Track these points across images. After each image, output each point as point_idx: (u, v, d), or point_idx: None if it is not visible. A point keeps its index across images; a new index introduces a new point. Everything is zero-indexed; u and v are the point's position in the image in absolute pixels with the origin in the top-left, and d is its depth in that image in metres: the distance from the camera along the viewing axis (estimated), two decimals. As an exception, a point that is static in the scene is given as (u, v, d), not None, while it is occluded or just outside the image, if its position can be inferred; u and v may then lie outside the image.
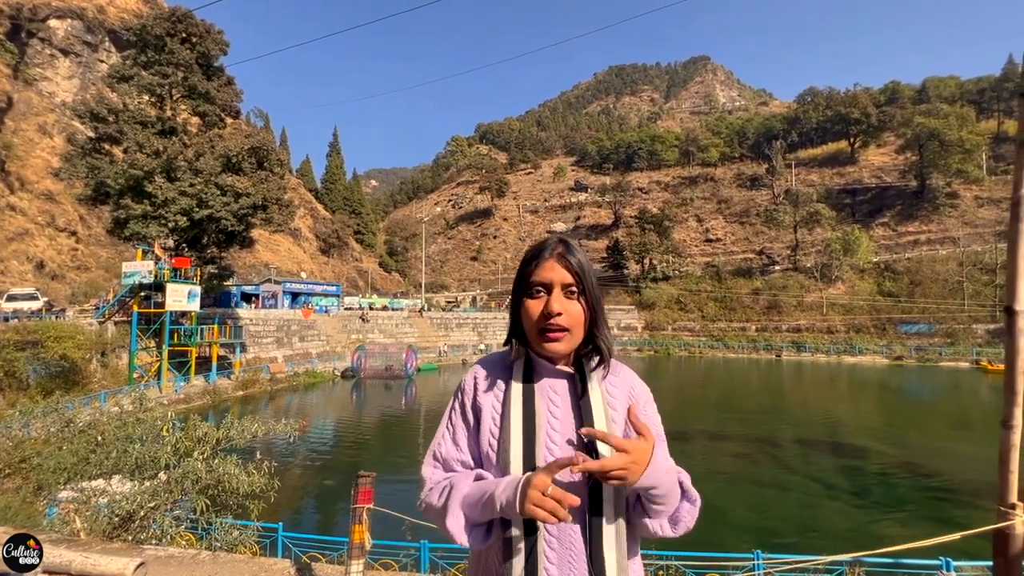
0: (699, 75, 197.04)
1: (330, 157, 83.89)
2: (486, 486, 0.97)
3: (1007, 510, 2.00)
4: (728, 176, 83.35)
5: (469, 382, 1.12)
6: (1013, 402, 2.02)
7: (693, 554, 5.45)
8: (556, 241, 1.09)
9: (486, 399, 1.08)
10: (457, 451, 1.08)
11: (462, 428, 1.10)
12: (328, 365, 30.07)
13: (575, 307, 1.05)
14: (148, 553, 3.63)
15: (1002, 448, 2.07)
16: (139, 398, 6.72)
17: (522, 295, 1.09)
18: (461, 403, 1.12)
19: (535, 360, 1.09)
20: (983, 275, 45.42)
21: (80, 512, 4.43)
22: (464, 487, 1.00)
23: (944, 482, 11.44)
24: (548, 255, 1.06)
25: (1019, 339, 2.00)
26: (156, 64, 22.82)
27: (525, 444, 1.00)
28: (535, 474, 0.90)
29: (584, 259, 1.07)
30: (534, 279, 1.06)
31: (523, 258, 1.11)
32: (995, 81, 75.87)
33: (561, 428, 1.04)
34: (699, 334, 51.49)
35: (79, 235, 34.73)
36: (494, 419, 1.06)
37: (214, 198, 22.31)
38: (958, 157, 56.94)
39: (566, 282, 1.04)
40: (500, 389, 1.09)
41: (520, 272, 1.10)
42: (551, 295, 1.04)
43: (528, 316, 1.06)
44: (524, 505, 0.87)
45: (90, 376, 19.65)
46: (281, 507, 9.08)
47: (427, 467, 1.10)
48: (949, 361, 37.24)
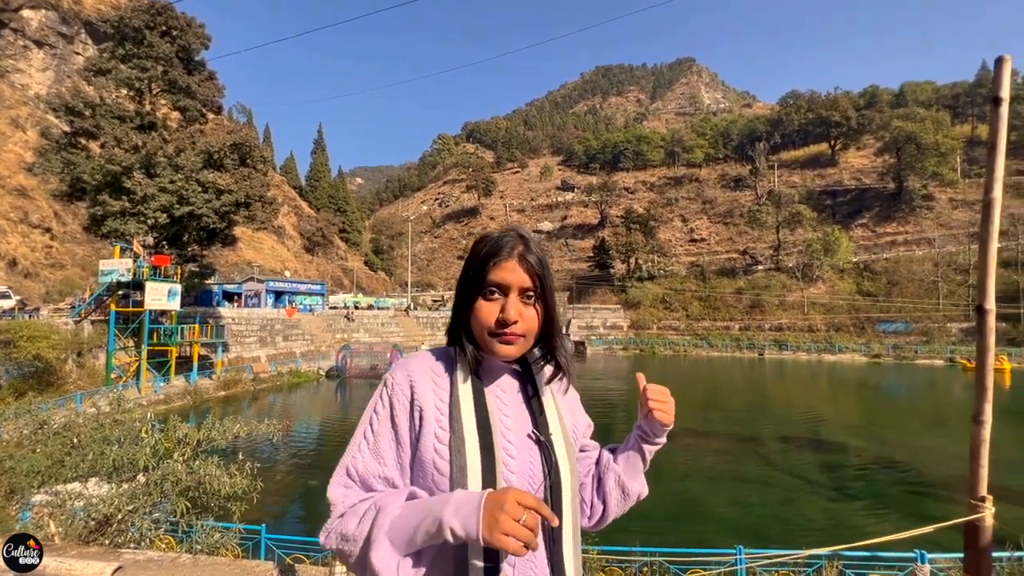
0: (684, 76, 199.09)
1: (315, 154, 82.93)
2: (427, 507, 0.80)
3: (977, 503, 2.07)
4: (712, 177, 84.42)
5: (400, 382, 0.95)
6: (983, 398, 2.09)
7: (677, 550, 5.52)
8: (516, 238, 0.99)
9: (427, 399, 0.93)
10: (379, 466, 0.90)
11: (387, 437, 0.92)
12: (312, 365, 29.73)
13: (531, 313, 0.96)
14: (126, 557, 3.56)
15: (973, 443, 2.13)
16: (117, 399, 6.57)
17: (474, 292, 0.97)
18: (389, 406, 0.93)
19: (481, 357, 0.99)
20: (957, 275, 46.73)
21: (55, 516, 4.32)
22: (394, 509, 0.81)
23: (920, 476, 11.74)
24: (509, 254, 0.96)
25: (989, 337, 2.06)
26: (135, 57, 22.28)
27: (482, 446, 0.89)
28: (504, 495, 0.75)
29: (544, 258, 0.99)
30: (492, 279, 0.95)
31: (477, 250, 0.99)
32: (969, 87, 78.15)
33: (514, 427, 0.96)
34: (684, 333, 52.07)
35: (54, 232, 33.80)
36: (439, 421, 0.91)
37: (195, 195, 21.88)
38: (934, 160, 58.50)
39: (525, 286, 0.95)
40: (444, 389, 0.95)
41: (474, 266, 0.98)
42: (507, 299, 0.94)
43: (481, 318, 0.95)
44: (493, 533, 0.72)
45: (65, 377, 19.14)
46: (264, 508, 8.96)
47: (336, 487, 0.90)
48: (925, 359, 38.22)
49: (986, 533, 2.03)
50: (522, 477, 0.92)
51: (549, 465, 0.94)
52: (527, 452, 0.94)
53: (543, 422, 0.97)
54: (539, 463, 0.94)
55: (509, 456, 0.92)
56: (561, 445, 0.96)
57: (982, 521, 2.03)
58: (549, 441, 0.95)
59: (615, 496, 1.06)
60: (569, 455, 0.97)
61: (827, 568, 5.27)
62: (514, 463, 0.92)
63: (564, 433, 0.99)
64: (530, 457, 0.94)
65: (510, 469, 0.91)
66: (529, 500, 0.75)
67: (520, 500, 0.74)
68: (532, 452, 0.94)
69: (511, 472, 0.91)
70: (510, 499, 0.74)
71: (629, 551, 5.49)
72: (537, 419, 0.98)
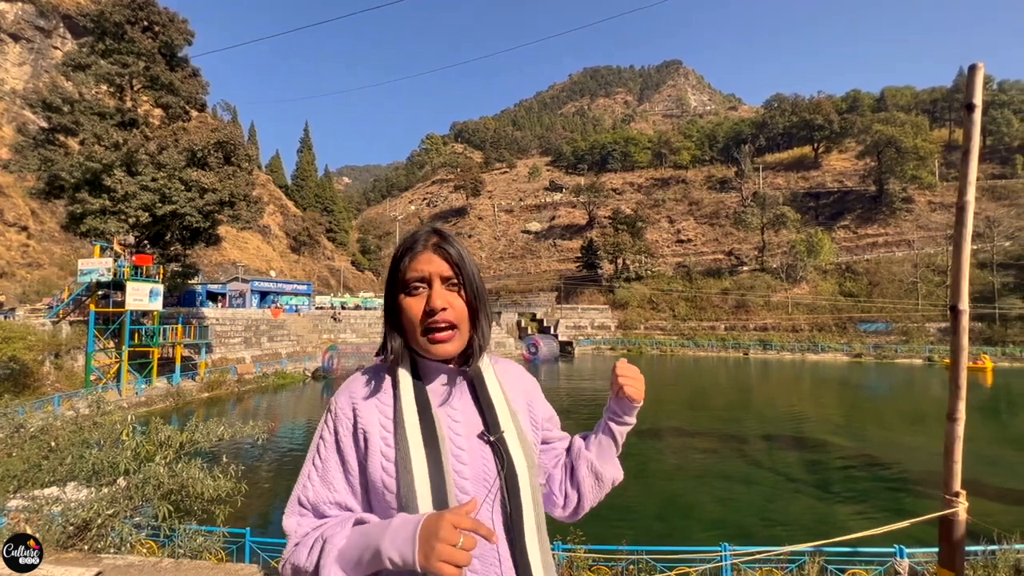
0: (671, 79, 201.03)
1: (301, 153, 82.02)
2: (368, 535, 0.80)
3: (951, 498, 2.13)
4: (699, 178, 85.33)
5: (342, 406, 0.94)
6: (958, 395, 2.15)
7: (663, 548, 5.57)
8: (429, 231, 1.00)
9: (371, 420, 0.92)
10: (329, 492, 0.90)
11: (335, 463, 0.92)
12: (298, 366, 29.42)
13: (458, 301, 0.95)
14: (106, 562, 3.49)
15: (947, 440, 2.19)
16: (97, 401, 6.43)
17: (399, 292, 0.96)
18: (334, 432, 0.93)
19: (420, 362, 0.98)
20: (935, 276, 47.84)
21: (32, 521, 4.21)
22: (339, 540, 0.82)
23: (899, 473, 12.00)
24: (422, 247, 0.96)
25: (963, 337, 2.13)
26: (115, 53, 21.82)
27: (429, 454, 0.87)
28: (438, 521, 0.73)
29: (462, 248, 0.98)
30: (411, 275, 0.94)
31: (394, 254, 0.99)
32: (947, 92, 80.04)
33: (464, 431, 0.93)
34: (670, 333, 52.54)
35: (30, 231, 32.97)
36: (384, 439, 0.90)
37: (178, 193, 21.51)
38: (913, 164, 59.87)
39: (445, 274, 0.94)
40: (387, 404, 0.94)
41: (392, 268, 0.98)
42: (432, 289, 0.93)
43: (408, 316, 0.94)
44: (429, 560, 0.71)
45: (43, 379, 18.70)
46: (249, 512, 8.85)
47: (291, 517, 0.90)
48: (904, 358, 39.05)
49: (960, 528, 2.08)
50: (476, 481, 0.90)
51: (503, 463, 0.91)
52: (479, 454, 0.92)
53: (493, 420, 0.95)
54: (491, 462, 0.92)
55: (460, 463, 0.91)
56: (515, 441, 0.94)
57: (956, 516, 2.09)
58: (501, 439, 0.93)
59: (589, 483, 1.05)
60: (525, 449, 0.95)
61: (809, 563, 5.36)
62: (466, 469, 0.91)
63: (518, 428, 0.97)
64: (483, 459, 0.92)
65: (462, 476, 0.90)
66: (465, 523, 0.73)
67: (456, 523, 0.73)
68: (485, 453, 0.93)
69: (464, 479, 0.90)
70: (445, 524, 0.72)
71: (616, 550, 5.53)
72: (487, 418, 0.95)
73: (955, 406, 2.14)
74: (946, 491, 2.15)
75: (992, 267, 44.77)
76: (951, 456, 2.17)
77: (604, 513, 1.11)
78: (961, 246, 2.14)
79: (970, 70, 2.07)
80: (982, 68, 2.06)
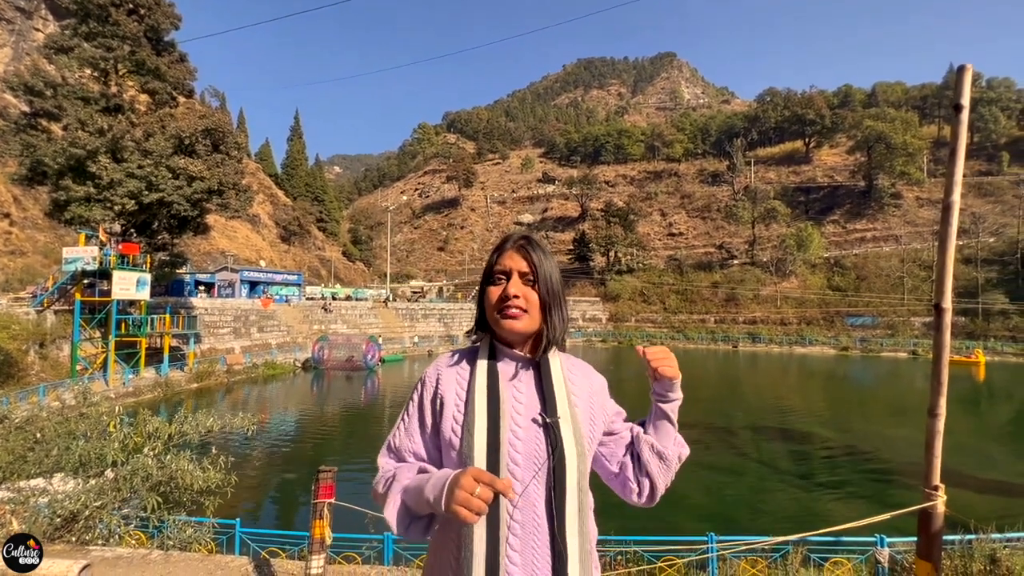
0: (665, 71, 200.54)
1: (291, 141, 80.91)
2: (421, 480, 1.00)
3: (930, 491, 2.18)
4: (691, 172, 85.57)
5: (431, 374, 1.15)
6: (939, 392, 2.19)
7: (651, 538, 5.65)
8: (519, 236, 1.19)
9: (449, 387, 1.11)
10: (410, 442, 1.12)
11: (417, 419, 1.13)
12: (289, 356, 29.26)
13: (532, 293, 1.12)
14: (94, 554, 3.48)
15: (928, 434, 2.24)
16: (83, 392, 6.35)
17: (486, 283, 1.16)
18: (420, 395, 1.14)
19: (497, 347, 1.15)
20: (921, 271, 48.56)
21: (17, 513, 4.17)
22: (404, 479, 1.04)
23: (883, 464, 12.25)
24: (509, 246, 1.16)
25: (945, 334, 2.17)
26: (99, 36, 21.28)
27: (490, 425, 1.02)
28: (463, 474, 0.89)
29: (544, 254, 1.15)
30: (496, 268, 1.14)
31: (491, 252, 1.20)
32: (937, 88, 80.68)
33: (525, 411, 1.07)
34: (661, 326, 52.94)
35: (13, 218, 32.31)
36: (457, 405, 1.08)
37: (165, 181, 21.15)
38: (902, 160, 60.44)
39: (523, 270, 1.12)
40: (463, 377, 1.12)
41: (486, 265, 1.18)
42: (510, 281, 1.11)
43: (489, 301, 1.13)
44: (449, 504, 0.87)
45: (27, 369, 18.43)
46: (239, 503, 8.83)
47: (381, 456, 1.15)
48: (890, 352, 39.70)
49: (938, 520, 2.14)
50: (527, 458, 1.02)
51: (554, 447, 1.02)
52: (534, 435, 1.04)
53: (551, 405, 1.06)
54: (543, 444, 1.03)
55: (516, 438, 1.03)
56: (568, 428, 1.04)
57: (934, 509, 2.14)
58: (556, 424, 1.04)
59: (654, 464, 1.16)
60: (576, 438, 1.05)
61: (793, 553, 5.48)
62: (520, 444, 1.03)
63: (573, 417, 1.07)
64: (536, 440, 1.04)
65: (516, 450, 1.02)
66: (484, 476, 0.87)
67: (476, 476, 0.87)
68: (539, 435, 1.04)
69: (516, 452, 1.02)
70: (467, 476, 0.87)
71: (604, 539, 5.60)
72: (546, 404, 1.07)
73: (936, 402, 2.18)
74: (926, 485, 2.20)
75: (976, 263, 45.52)
76: (931, 451, 2.22)
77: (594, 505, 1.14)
78: (946, 245, 2.18)
79: (958, 71, 2.08)
80: (970, 69, 2.08)
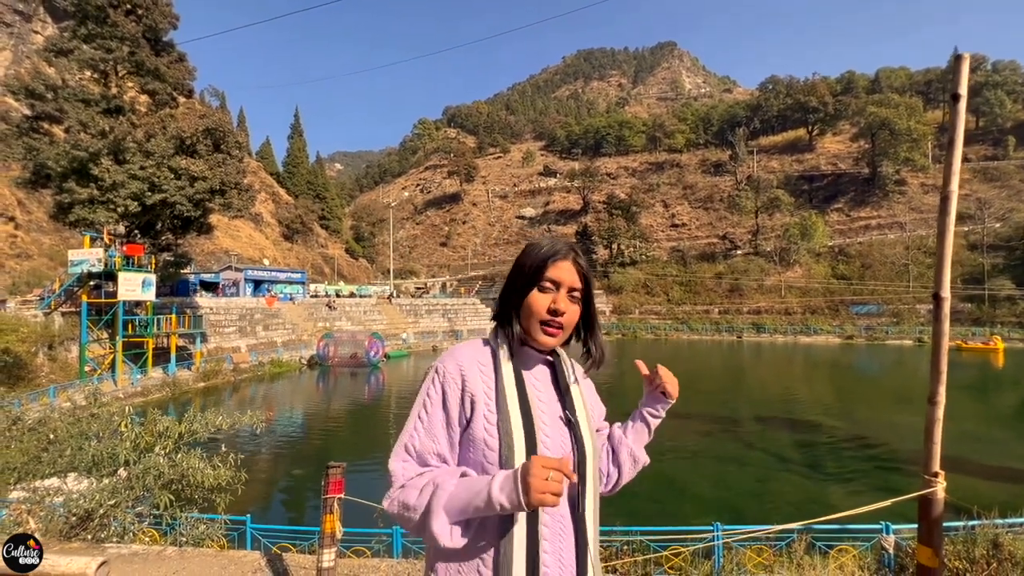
0: (666, 61, 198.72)
1: (292, 139, 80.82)
2: (473, 486, 0.94)
3: (930, 478, 2.21)
4: (693, 162, 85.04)
5: (451, 370, 1.07)
6: (938, 380, 2.21)
7: (656, 528, 5.70)
8: (569, 247, 1.15)
9: (477, 386, 1.05)
10: (433, 443, 1.03)
11: (440, 418, 1.05)
12: (294, 354, 29.44)
13: (574, 309, 1.12)
14: (110, 552, 3.55)
15: (928, 422, 2.27)
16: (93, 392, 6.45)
17: (530, 285, 1.11)
18: (441, 392, 1.06)
19: (518, 346, 1.14)
20: (927, 258, 48.19)
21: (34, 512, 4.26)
22: (449, 486, 0.95)
23: (887, 452, 12.27)
24: (565, 256, 1.12)
25: (944, 323, 2.18)
26: (98, 37, 21.29)
27: (525, 427, 1.02)
28: (530, 464, 0.89)
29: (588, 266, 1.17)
30: (549, 274, 1.10)
31: (535, 249, 1.13)
32: (941, 73, 79.67)
33: (547, 409, 1.09)
34: (665, 317, 52.89)
35: (18, 221, 32.53)
36: (487, 404, 1.04)
37: (167, 182, 21.24)
38: (906, 146, 59.85)
39: (574, 286, 1.12)
40: (488, 375, 1.08)
41: (533, 263, 1.11)
42: (558, 293, 1.10)
43: (534, 308, 1.10)
44: (531, 496, 0.86)
45: (37, 370, 18.63)
46: (250, 499, 8.94)
47: (396, 461, 1.04)
48: (895, 340, 39.56)
49: (938, 506, 2.17)
50: (555, 454, 1.05)
51: (577, 443, 1.08)
52: (559, 431, 1.08)
53: (570, 406, 1.11)
54: (569, 441, 1.08)
55: (545, 435, 1.06)
56: (585, 426, 1.11)
57: (934, 495, 2.17)
58: (577, 422, 1.09)
59: (628, 465, 1.24)
60: (591, 435, 1.11)
61: (798, 541, 5.51)
62: (549, 441, 1.06)
63: (587, 416, 1.13)
64: (561, 436, 1.08)
65: (546, 446, 1.05)
66: (551, 462, 0.88)
67: (544, 464, 0.88)
68: (563, 432, 1.09)
69: (547, 449, 1.05)
70: (536, 465, 0.88)
71: (610, 530, 5.65)
72: (565, 403, 1.12)
73: (935, 390, 2.20)
74: (925, 471, 2.23)
75: (983, 248, 45.18)
76: (931, 438, 2.24)
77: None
78: (945, 235, 2.19)
79: (956, 60, 2.09)
80: (967, 58, 2.08)
